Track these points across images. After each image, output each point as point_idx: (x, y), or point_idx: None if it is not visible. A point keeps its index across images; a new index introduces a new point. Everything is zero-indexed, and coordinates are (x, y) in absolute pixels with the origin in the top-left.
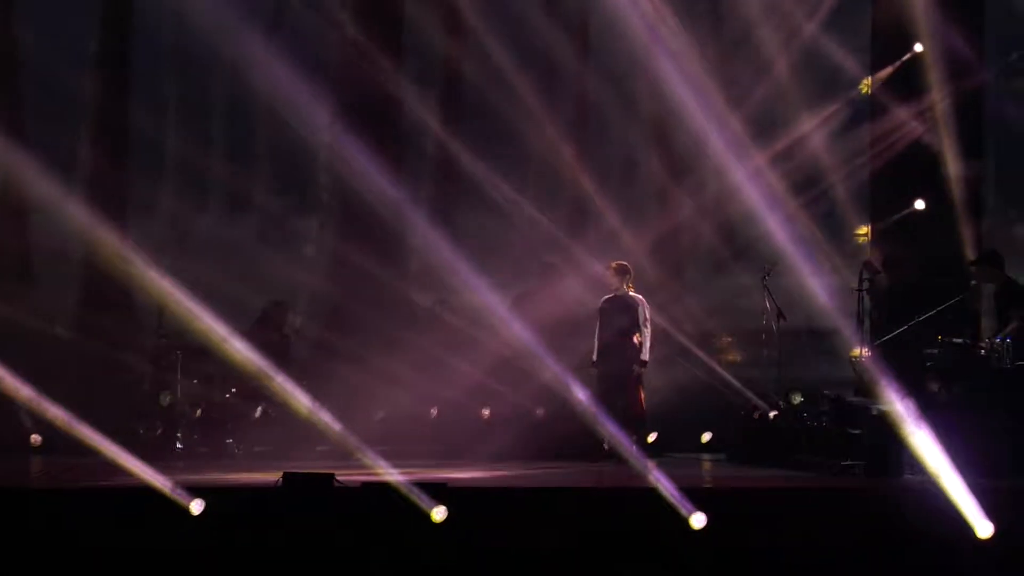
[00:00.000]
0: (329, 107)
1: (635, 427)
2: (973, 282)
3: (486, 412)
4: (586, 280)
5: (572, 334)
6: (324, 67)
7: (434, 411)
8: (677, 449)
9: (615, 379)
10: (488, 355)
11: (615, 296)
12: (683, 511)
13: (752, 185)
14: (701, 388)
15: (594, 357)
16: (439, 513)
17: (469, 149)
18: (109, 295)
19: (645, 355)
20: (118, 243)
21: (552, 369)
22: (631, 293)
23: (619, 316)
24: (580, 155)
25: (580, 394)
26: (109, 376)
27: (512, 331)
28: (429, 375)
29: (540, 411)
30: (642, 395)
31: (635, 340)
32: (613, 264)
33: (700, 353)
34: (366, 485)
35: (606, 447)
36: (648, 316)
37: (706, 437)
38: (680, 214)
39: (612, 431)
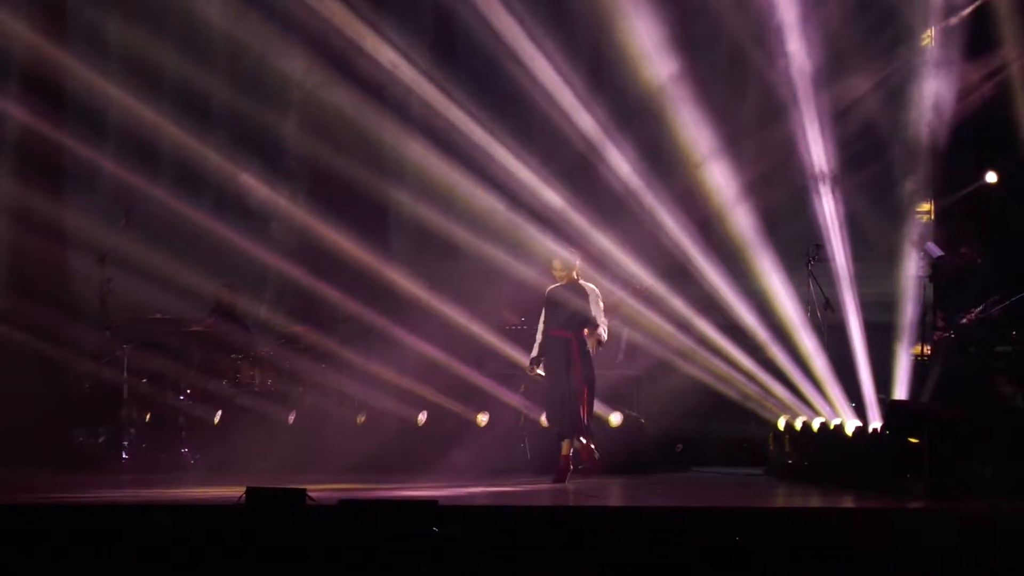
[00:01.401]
0: (302, 57)
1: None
2: None
3: (483, 419)
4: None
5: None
6: (296, 9)
7: (422, 416)
8: (707, 463)
9: (560, 378)
10: (484, 353)
11: (561, 285)
12: (721, 535)
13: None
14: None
15: (533, 353)
16: (430, 535)
17: (465, 107)
18: (42, 280)
19: (601, 334)
20: (53, 218)
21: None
22: (580, 281)
23: (566, 307)
24: (596, 109)
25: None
26: (43, 375)
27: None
28: (416, 375)
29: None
30: (588, 400)
31: (585, 334)
32: (563, 254)
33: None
34: (344, 503)
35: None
36: (602, 305)
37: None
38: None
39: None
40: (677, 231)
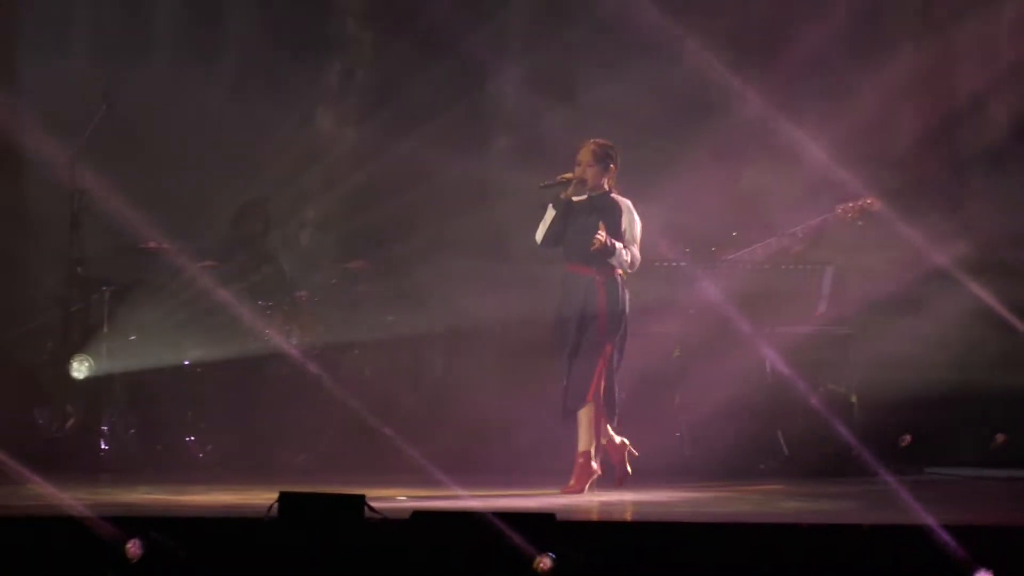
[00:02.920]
0: None
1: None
2: None
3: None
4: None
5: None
6: None
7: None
8: (950, 461)
9: (570, 333)
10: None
11: (589, 199)
12: (961, 564)
13: None
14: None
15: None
16: (544, 562)
17: None
18: None
19: (626, 258)
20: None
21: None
22: (614, 194)
23: (591, 229)
24: None
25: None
26: None
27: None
28: (531, 332)
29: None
30: (608, 367)
31: (617, 274)
32: (591, 145)
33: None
34: (420, 515)
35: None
36: (639, 232)
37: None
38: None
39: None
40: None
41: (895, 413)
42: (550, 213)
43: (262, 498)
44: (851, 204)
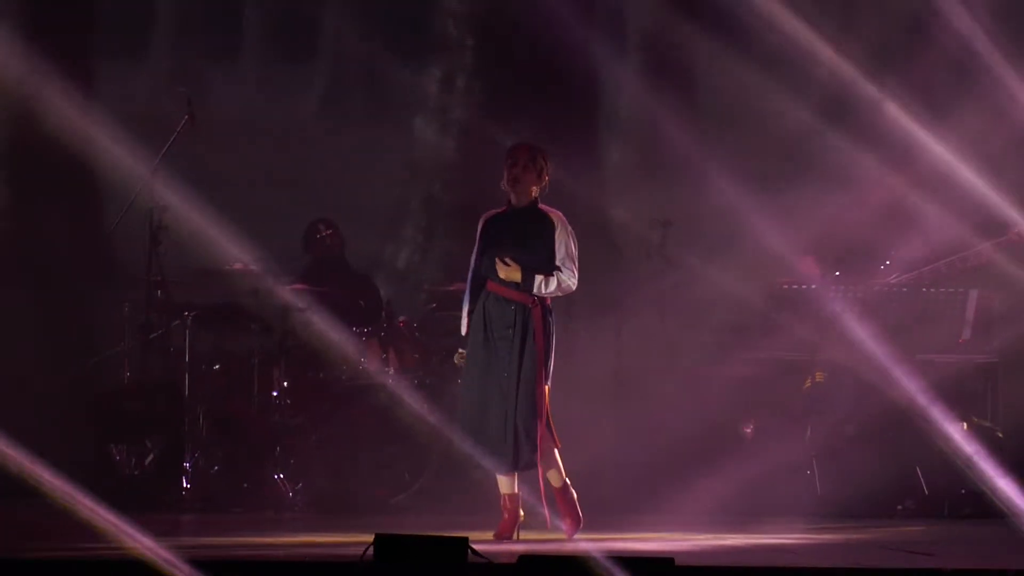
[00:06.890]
0: None
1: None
2: None
3: (748, 430)
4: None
5: None
6: None
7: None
8: None
9: (500, 365)
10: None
11: (513, 211)
12: None
13: None
14: None
15: (463, 326)
16: None
17: None
18: (56, 206)
19: (547, 288)
20: (76, 106)
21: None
22: (542, 207)
23: (521, 248)
24: None
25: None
26: (56, 356)
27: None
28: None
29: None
30: (546, 399)
31: (548, 302)
32: (528, 144)
33: None
34: (528, 559)
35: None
36: (575, 250)
37: None
38: None
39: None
40: None
41: None
42: (465, 317)
43: (357, 540)
44: None
